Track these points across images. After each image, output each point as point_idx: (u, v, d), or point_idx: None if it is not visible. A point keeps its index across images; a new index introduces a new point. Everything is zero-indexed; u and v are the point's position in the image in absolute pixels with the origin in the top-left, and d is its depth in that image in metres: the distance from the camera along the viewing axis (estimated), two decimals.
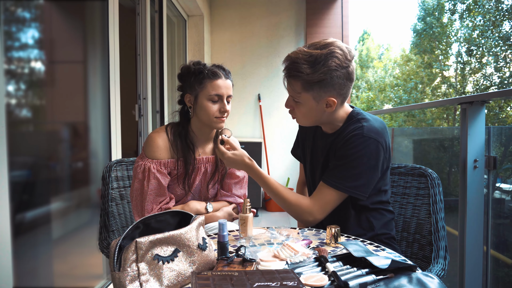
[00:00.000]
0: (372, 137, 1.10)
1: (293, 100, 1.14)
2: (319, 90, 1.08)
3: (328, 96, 1.10)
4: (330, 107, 1.12)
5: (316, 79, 1.06)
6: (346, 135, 1.14)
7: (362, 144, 1.09)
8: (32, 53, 1.54)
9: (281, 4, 4.57)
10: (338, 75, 1.07)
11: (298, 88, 1.10)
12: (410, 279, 0.75)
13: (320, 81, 1.07)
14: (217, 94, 1.23)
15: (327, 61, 1.06)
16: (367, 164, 1.09)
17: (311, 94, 1.09)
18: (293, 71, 1.09)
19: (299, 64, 1.07)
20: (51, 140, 1.74)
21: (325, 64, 1.06)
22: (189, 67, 1.27)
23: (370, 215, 1.20)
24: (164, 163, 1.24)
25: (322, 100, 1.11)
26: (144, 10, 2.63)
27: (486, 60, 13.48)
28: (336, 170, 1.12)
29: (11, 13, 1.42)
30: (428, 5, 15.18)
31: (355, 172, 1.09)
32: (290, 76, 1.11)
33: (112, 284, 0.72)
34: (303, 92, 1.10)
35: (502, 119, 12.76)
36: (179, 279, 0.76)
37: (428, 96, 15.61)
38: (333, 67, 1.06)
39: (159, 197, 1.23)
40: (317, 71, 1.06)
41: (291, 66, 1.10)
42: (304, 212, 1.13)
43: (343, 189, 1.10)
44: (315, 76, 1.06)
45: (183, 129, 1.30)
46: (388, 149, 1.15)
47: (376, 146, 1.10)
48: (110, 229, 1.45)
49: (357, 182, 1.09)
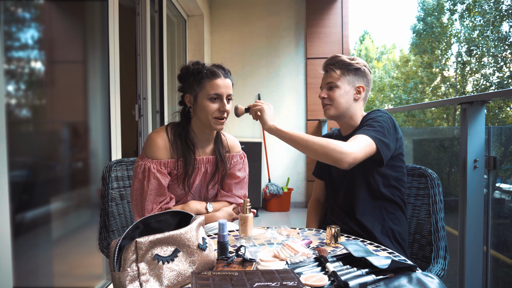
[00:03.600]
0: (386, 112, 1.30)
1: (329, 88, 1.33)
2: (353, 75, 1.32)
3: (359, 83, 1.33)
4: (359, 93, 1.33)
5: (354, 66, 1.32)
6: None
7: (379, 113, 1.28)
8: (32, 53, 1.54)
9: (281, 4, 4.57)
10: (367, 72, 1.35)
11: (338, 73, 1.32)
12: (410, 279, 0.75)
13: (356, 69, 1.32)
14: (216, 94, 1.23)
15: (359, 60, 1.36)
16: (386, 128, 1.22)
17: (347, 78, 1.32)
18: (336, 60, 1.33)
19: (340, 56, 1.34)
20: (51, 140, 1.74)
21: (359, 61, 1.35)
22: (188, 67, 1.27)
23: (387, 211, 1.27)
24: (164, 163, 1.24)
25: (354, 86, 1.33)
26: (144, 10, 2.63)
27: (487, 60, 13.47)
28: (366, 127, 1.23)
29: (11, 13, 1.42)
30: (428, 5, 15.18)
31: (380, 130, 1.21)
32: (332, 64, 1.33)
33: (112, 284, 0.72)
34: (342, 76, 1.32)
35: (501, 119, 12.76)
36: (179, 279, 0.76)
37: (428, 96, 15.61)
38: (363, 64, 1.35)
39: (159, 197, 1.23)
40: (354, 60, 1.34)
41: (333, 58, 1.34)
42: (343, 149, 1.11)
43: (375, 139, 1.17)
44: (353, 64, 1.32)
45: (183, 129, 1.30)
46: (400, 136, 1.29)
47: (391, 119, 1.27)
48: (110, 229, 1.45)
49: (383, 138, 1.19)
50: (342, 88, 1.32)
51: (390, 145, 1.20)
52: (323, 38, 4.47)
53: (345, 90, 1.32)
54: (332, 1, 4.45)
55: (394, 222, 1.25)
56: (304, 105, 4.55)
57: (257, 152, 4.26)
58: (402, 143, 1.29)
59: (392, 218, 1.26)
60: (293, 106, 4.57)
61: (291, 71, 4.57)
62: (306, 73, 4.51)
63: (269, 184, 4.38)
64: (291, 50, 4.58)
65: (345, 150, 1.10)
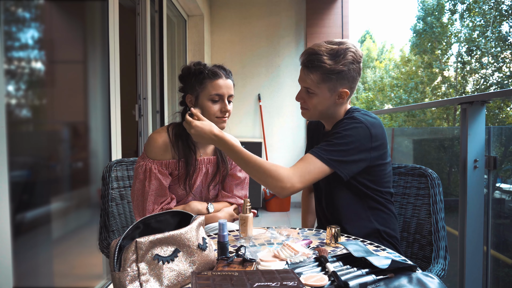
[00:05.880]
0: (362, 122, 1.13)
1: (307, 92, 1.18)
2: (335, 81, 1.14)
3: (342, 88, 1.15)
4: (342, 98, 1.17)
5: (336, 70, 1.12)
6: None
7: (351, 125, 1.12)
8: (32, 53, 1.54)
9: (281, 4, 4.57)
10: (354, 68, 1.14)
11: (316, 78, 1.14)
12: (410, 279, 0.75)
13: (339, 72, 1.12)
14: (217, 94, 1.23)
15: (346, 54, 1.12)
16: (354, 144, 1.10)
17: (327, 85, 1.14)
18: (315, 62, 1.12)
19: (321, 55, 1.12)
20: (51, 140, 1.74)
21: (345, 57, 1.12)
22: (189, 67, 1.27)
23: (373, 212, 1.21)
24: (165, 163, 1.24)
25: (336, 92, 1.16)
26: (144, 10, 2.63)
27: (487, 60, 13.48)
28: (324, 144, 1.12)
29: (11, 13, 1.42)
30: (428, 5, 15.18)
31: (341, 148, 1.10)
32: (310, 67, 1.13)
33: (112, 284, 0.72)
34: (321, 83, 1.14)
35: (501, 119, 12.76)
36: (179, 279, 0.76)
37: (428, 96, 15.61)
38: (350, 60, 1.13)
39: (160, 197, 1.23)
40: (337, 63, 1.12)
41: (312, 57, 1.13)
42: (283, 178, 1.06)
43: (327, 161, 1.08)
44: (335, 67, 1.12)
45: (184, 129, 1.30)
46: (380, 141, 1.15)
47: (365, 131, 1.11)
48: (110, 229, 1.45)
49: (342, 158, 1.09)
50: (320, 95, 1.16)
51: (355, 162, 1.11)
52: (323, 38, 4.47)
53: (324, 97, 1.16)
54: (332, 1, 4.45)
55: (380, 222, 1.21)
56: None
57: (257, 152, 4.26)
58: (383, 151, 1.16)
59: (378, 219, 1.21)
60: (293, 106, 4.57)
61: (291, 71, 4.57)
62: None
63: None
64: (291, 50, 4.58)
65: (284, 181, 1.04)
